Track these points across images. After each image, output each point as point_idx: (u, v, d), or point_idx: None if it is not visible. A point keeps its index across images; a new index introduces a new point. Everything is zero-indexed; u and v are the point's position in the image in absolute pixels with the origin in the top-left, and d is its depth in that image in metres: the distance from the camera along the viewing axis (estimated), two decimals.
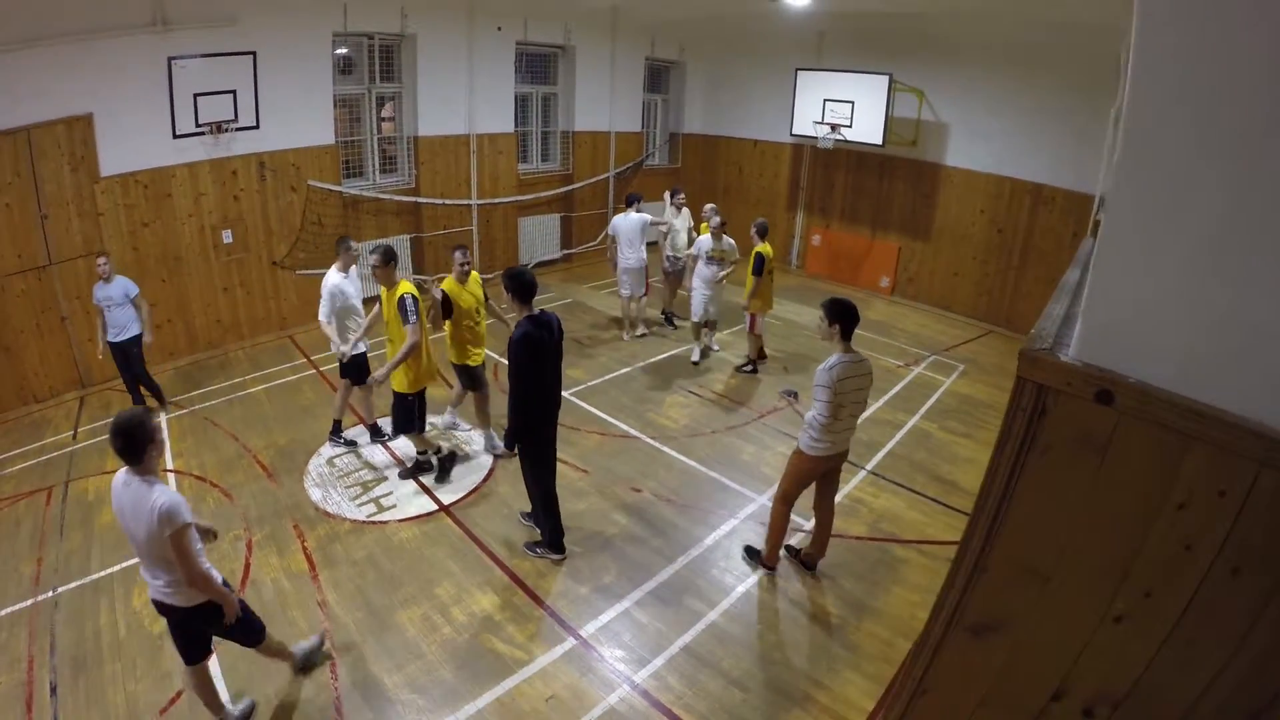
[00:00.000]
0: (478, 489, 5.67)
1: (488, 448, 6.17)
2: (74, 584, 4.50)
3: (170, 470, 5.73)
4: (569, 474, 5.77)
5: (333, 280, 5.71)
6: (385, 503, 5.43)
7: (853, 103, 10.46)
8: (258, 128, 7.87)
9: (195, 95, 7.26)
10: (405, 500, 5.47)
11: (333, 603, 4.40)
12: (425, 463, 5.76)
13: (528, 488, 4.79)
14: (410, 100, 9.52)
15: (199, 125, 7.38)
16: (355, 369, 5.90)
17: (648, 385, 7.67)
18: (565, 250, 12.14)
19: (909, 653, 4.06)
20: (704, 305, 7.82)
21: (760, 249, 7.33)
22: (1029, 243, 9.81)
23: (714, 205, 8.27)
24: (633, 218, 8.41)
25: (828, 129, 10.78)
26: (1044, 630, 1.70)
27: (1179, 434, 1.40)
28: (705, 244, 7.67)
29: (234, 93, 7.55)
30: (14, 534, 5.00)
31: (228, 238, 7.96)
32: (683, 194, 8.98)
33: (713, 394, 7.52)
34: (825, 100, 10.78)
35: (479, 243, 10.55)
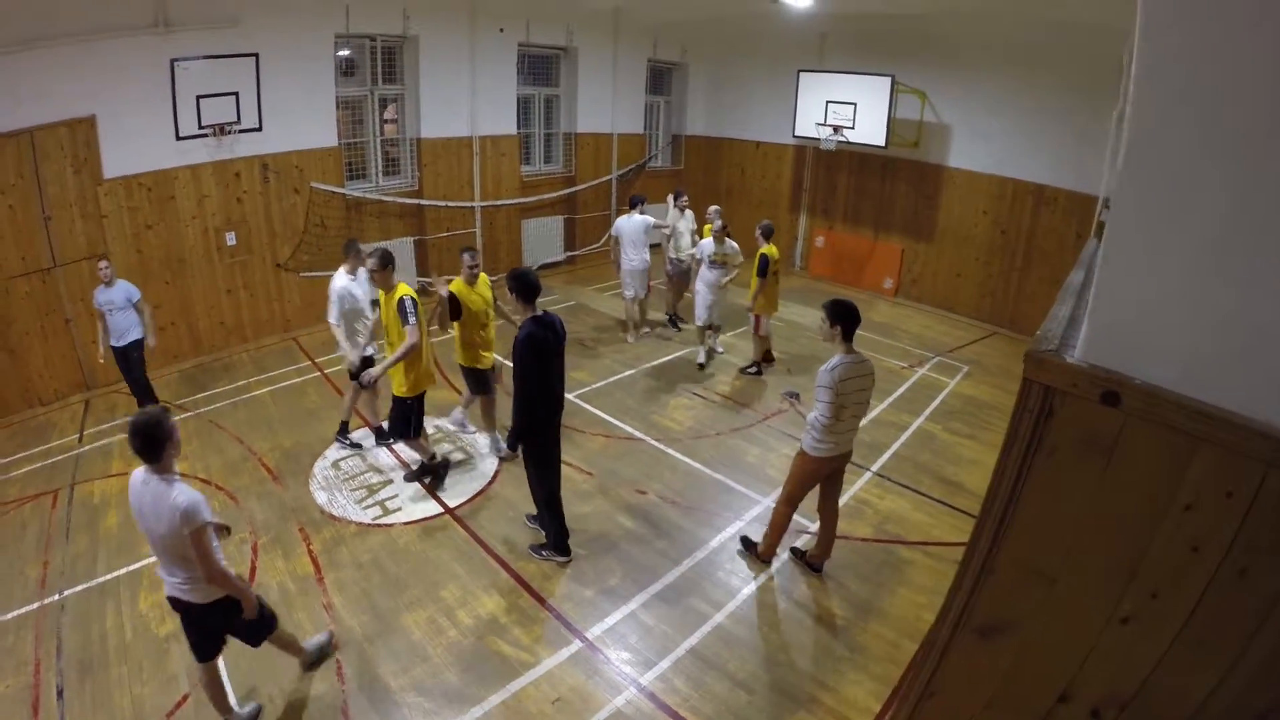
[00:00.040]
0: (483, 492, 5.67)
1: (493, 450, 6.18)
2: (80, 587, 4.51)
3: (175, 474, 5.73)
4: (574, 476, 5.77)
5: (340, 283, 5.72)
6: (390, 505, 5.44)
7: (855, 104, 10.45)
8: (260, 130, 7.89)
9: (198, 97, 7.28)
10: (410, 503, 5.48)
11: (338, 605, 4.41)
12: (429, 466, 5.77)
13: (531, 490, 4.79)
14: (413, 102, 9.53)
15: (202, 127, 7.40)
16: (364, 370, 5.89)
17: (652, 387, 7.67)
18: (568, 252, 12.15)
19: (915, 654, 4.06)
20: (707, 309, 7.81)
21: (765, 250, 7.33)
22: (1032, 244, 9.80)
23: (718, 208, 8.25)
24: (636, 219, 8.42)
25: (830, 130, 10.78)
26: (1051, 632, 1.70)
27: (1186, 435, 1.40)
28: (707, 248, 7.66)
29: (237, 94, 7.57)
30: (20, 537, 5.01)
31: (231, 240, 7.98)
32: (686, 196, 8.99)
33: (717, 396, 7.52)
34: (828, 102, 10.77)
35: (482, 245, 10.56)
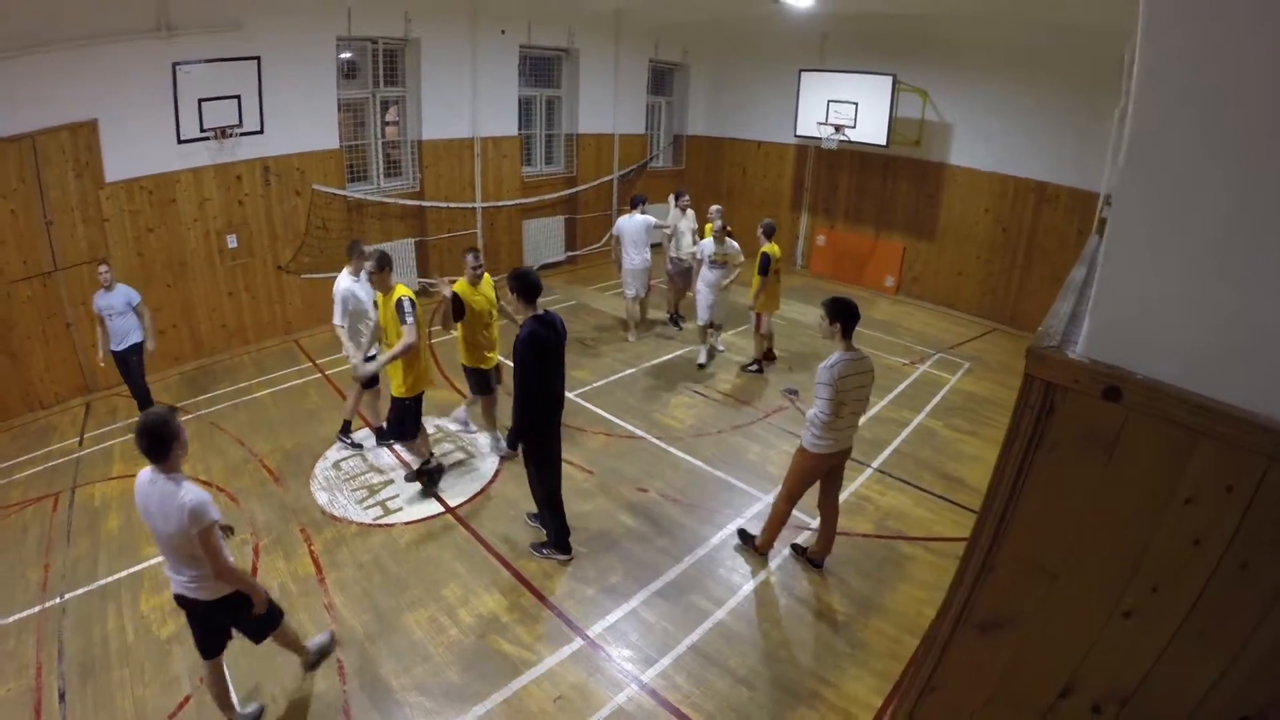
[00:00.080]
0: (483, 491, 5.68)
1: (493, 449, 6.18)
2: (81, 590, 4.51)
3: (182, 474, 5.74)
4: (575, 475, 5.77)
5: (344, 284, 5.73)
6: (391, 505, 5.44)
7: (856, 103, 10.45)
8: (262, 132, 7.89)
9: (200, 100, 7.28)
10: (411, 503, 5.48)
11: (339, 606, 4.41)
12: (423, 470, 5.76)
13: (532, 488, 4.79)
14: (414, 104, 9.54)
15: (203, 130, 7.40)
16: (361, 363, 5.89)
17: (653, 386, 7.67)
18: (569, 252, 12.16)
19: (916, 650, 4.05)
20: (708, 308, 7.81)
21: (767, 249, 7.33)
22: (1033, 241, 9.80)
23: (719, 207, 8.24)
24: (637, 219, 8.42)
25: (831, 130, 10.78)
26: (1052, 627, 1.70)
27: (1187, 430, 1.40)
28: (708, 248, 7.66)
29: (238, 98, 7.58)
30: (21, 540, 5.02)
31: (232, 243, 7.99)
32: (687, 196, 8.99)
33: (718, 394, 7.51)
34: (829, 101, 10.77)
35: (483, 246, 10.56)
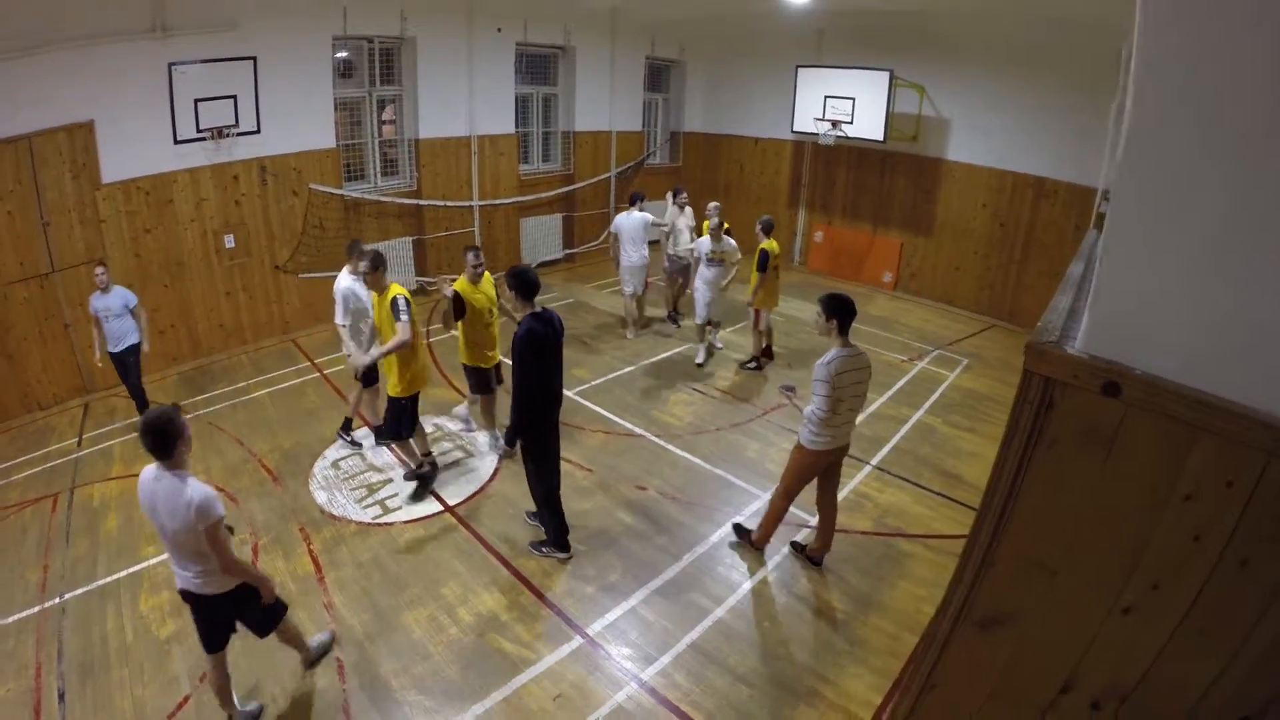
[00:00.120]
0: (482, 489, 5.67)
1: (492, 447, 6.18)
2: (80, 590, 4.50)
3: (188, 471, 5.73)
4: (574, 473, 5.77)
5: (345, 283, 5.71)
6: (390, 504, 5.43)
7: (853, 99, 10.44)
8: (259, 132, 7.87)
9: (196, 101, 7.26)
10: (410, 502, 5.47)
11: (339, 605, 4.41)
12: (414, 473, 5.76)
13: (530, 487, 4.78)
14: (411, 103, 9.52)
15: (200, 131, 7.38)
16: (367, 371, 5.90)
17: (652, 383, 7.67)
18: (567, 250, 12.14)
19: (916, 647, 4.06)
20: (706, 306, 7.80)
21: (765, 245, 7.32)
22: (1031, 236, 9.79)
23: (717, 204, 8.22)
24: (635, 216, 8.41)
25: (829, 125, 10.77)
26: (1052, 623, 1.70)
27: (1186, 425, 1.39)
28: (705, 246, 7.64)
29: (235, 98, 7.56)
30: (20, 541, 5.01)
31: (230, 243, 7.97)
32: (685, 193, 8.98)
33: (717, 391, 7.51)
34: (826, 97, 10.77)
35: (481, 244, 10.53)
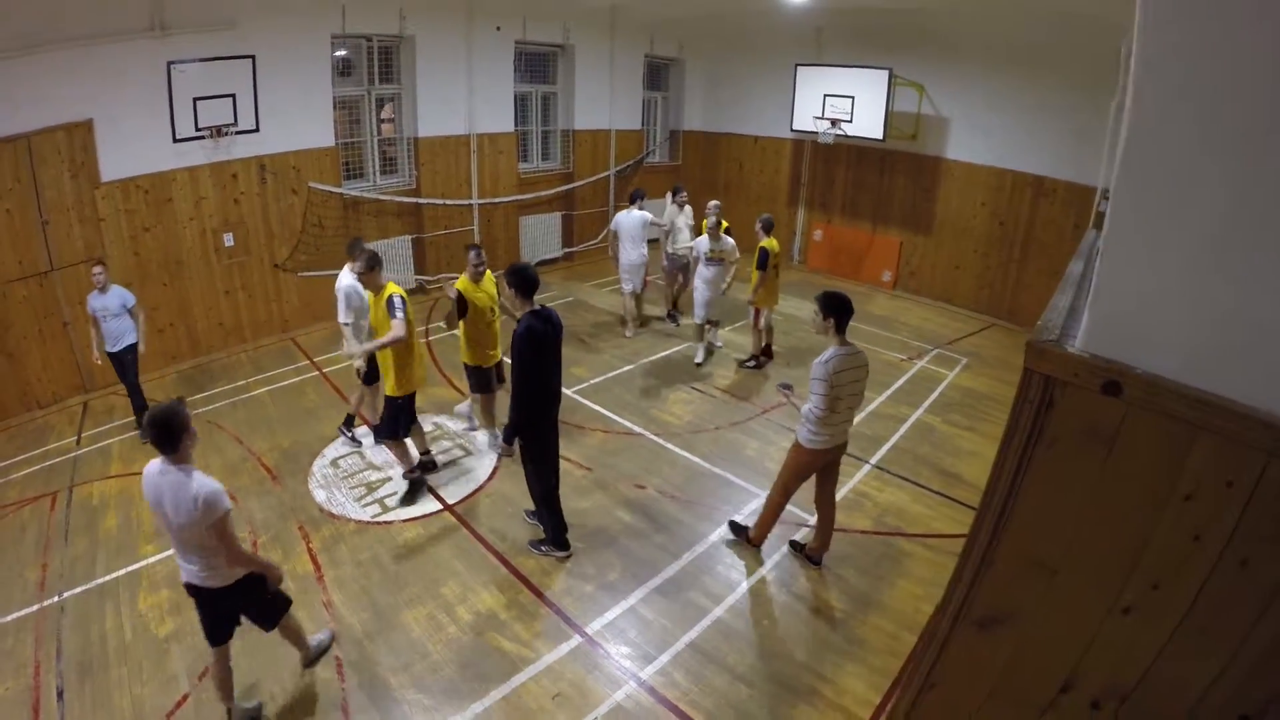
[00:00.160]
0: (481, 488, 5.67)
1: (491, 446, 6.17)
2: (79, 589, 4.50)
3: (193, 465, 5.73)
4: (573, 471, 5.77)
5: (347, 281, 5.70)
6: (389, 503, 5.43)
7: (853, 98, 10.43)
8: (258, 131, 7.86)
9: (195, 99, 7.25)
10: (401, 505, 5.44)
11: (338, 603, 4.41)
12: (429, 463, 5.77)
13: (529, 485, 4.78)
14: (410, 101, 9.51)
15: (199, 129, 7.37)
16: (369, 369, 5.88)
17: (651, 382, 7.66)
18: (566, 248, 12.14)
19: (915, 647, 4.06)
20: (705, 306, 7.78)
21: (765, 244, 7.31)
22: (1030, 235, 9.78)
23: (717, 203, 8.21)
24: (635, 215, 8.40)
25: (828, 124, 10.76)
26: (1052, 623, 1.70)
27: (1186, 424, 1.39)
28: (703, 245, 7.63)
29: (233, 96, 7.54)
30: (19, 540, 5.00)
31: (229, 241, 7.96)
32: (684, 192, 8.97)
33: (716, 390, 7.51)
34: (825, 95, 10.75)
35: (480, 242, 10.50)
